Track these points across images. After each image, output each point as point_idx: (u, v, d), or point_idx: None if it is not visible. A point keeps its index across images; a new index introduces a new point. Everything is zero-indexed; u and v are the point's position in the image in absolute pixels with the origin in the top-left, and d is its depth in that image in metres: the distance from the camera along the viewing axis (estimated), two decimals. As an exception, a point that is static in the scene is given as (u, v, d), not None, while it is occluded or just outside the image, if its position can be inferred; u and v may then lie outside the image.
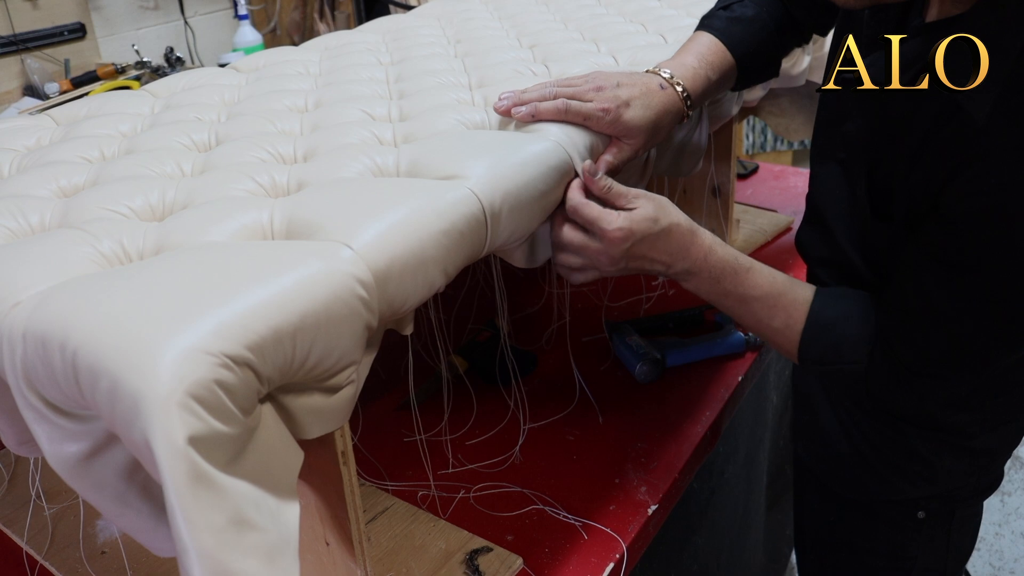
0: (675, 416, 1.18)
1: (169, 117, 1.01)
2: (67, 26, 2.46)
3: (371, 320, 0.64)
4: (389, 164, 0.81)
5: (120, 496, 0.61)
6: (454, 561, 0.94)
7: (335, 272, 0.61)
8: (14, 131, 1.01)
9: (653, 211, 0.85)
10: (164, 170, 0.85)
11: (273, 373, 0.57)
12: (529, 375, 1.27)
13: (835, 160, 0.92)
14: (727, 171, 1.50)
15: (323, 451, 0.71)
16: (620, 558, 0.95)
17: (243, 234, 0.69)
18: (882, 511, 1.00)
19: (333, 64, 1.21)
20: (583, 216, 0.84)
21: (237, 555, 0.52)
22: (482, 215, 0.73)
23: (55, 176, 0.84)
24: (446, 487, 1.06)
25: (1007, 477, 2.36)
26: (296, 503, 0.59)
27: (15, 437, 0.69)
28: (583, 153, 0.86)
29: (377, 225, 0.66)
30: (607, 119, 0.87)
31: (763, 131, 3.43)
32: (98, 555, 0.97)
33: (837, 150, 0.92)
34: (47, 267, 0.64)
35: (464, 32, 1.34)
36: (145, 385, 0.51)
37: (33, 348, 0.57)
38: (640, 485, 1.05)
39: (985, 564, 2.17)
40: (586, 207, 0.84)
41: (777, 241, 1.64)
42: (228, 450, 0.53)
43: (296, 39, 3.00)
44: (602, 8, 1.43)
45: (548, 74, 1.08)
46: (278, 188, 0.79)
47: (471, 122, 0.91)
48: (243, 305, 0.56)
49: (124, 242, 0.69)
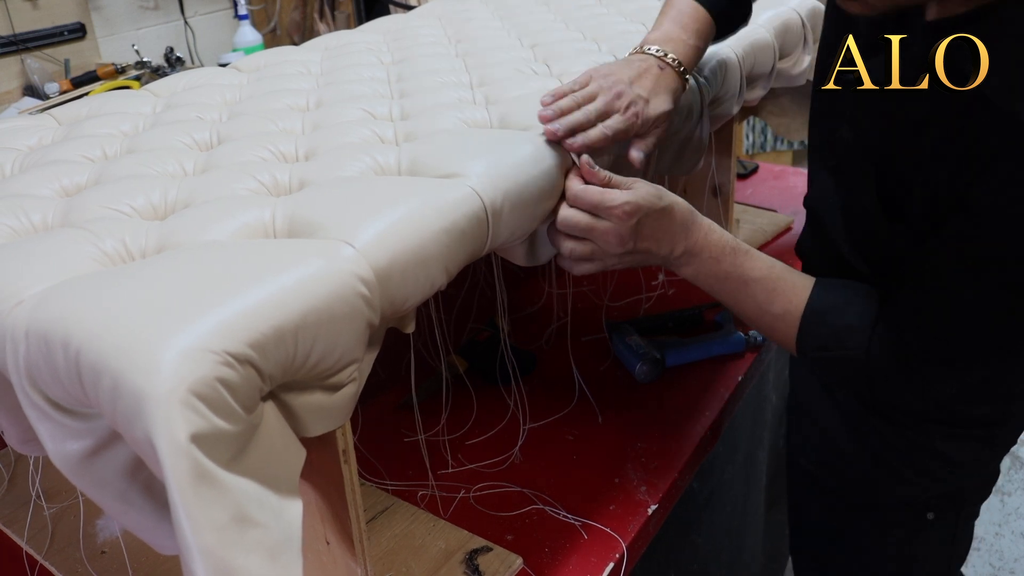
0: (675, 416, 1.18)
1: (170, 116, 1.02)
2: (67, 26, 2.46)
3: (373, 318, 0.64)
4: (390, 163, 0.81)
5: (123, 494, 0.61)
6: (454, 561, 0.94)
7: (337, 270, 0.62)
8: (16, 131, 1.01)
9: (655, 189, 0.86)
10: (166, 169, 0.85)
11: (275, 371, 0.57)
12: (529, 375, 1.27)
13: (827, 168, 0.92)
14: (727, 171, 1.50)
15: (324, 450, 0.71)
16: (620, 558, 0.95)
17: (245, 233, 0.69)
18: (891, 514, 1.00)
19: (334, 64, 1.21)
20: (587, 200, 0.84)
21: (239, 552, 0.52)
22: (483, 213, 0.74)
23: (57, 175, 0.84)
24: (446, 487, 1.06)
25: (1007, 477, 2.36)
26: (298, 501, 0.59)
27: (18, 435, 0.69)
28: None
29: (378, 223, 0.66)
30: (639, 124, 0.89)
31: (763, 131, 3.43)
32: (98, 555, 0.97)
33: (828, 158, 0.91)
34: (49, 266, 0.64)
35: (465, 32, 1.34)
36: (148, 383, 0.51)
37: (36, 346, 0.57)
38: (640, 485, 1.05)
39: (985, 564, 2.17)
40: (588, 191, 0.84)
41: (777, 241, 1.64)
42: (230, 448, 0.53)
43: (296, 39, 3.00)
44: (602, 8, 1.43)
45: (549, 73, 1.08)
46: (280, 187, 0.79)
47: (472, 120, 0.91)
48: (245, 303, 0.56)
49: (126, 241, 0.69)
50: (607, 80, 0.89)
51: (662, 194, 0.86)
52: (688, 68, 0.95)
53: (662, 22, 0.98)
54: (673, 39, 0.95)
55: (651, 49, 0.94)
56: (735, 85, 1.16)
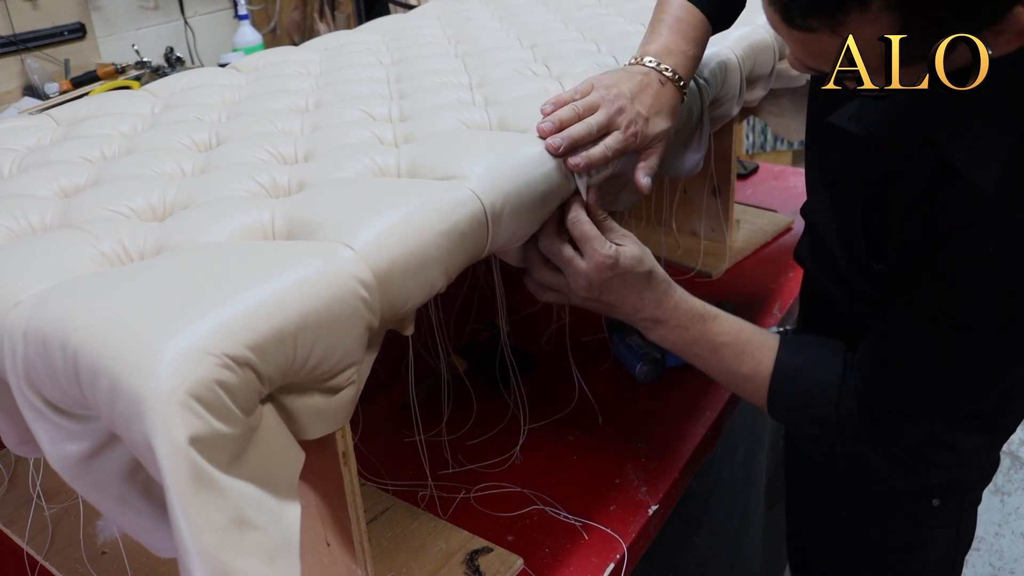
0: (675, 416, 1.18)
1: (169, 117, 1.01)
2: (67, 26, 2.46)
3: (372, 320, 0.64)
4: (390, 164, 0.81)
5: (121, 496, 0.61)
6: (454, 561, 0.94)
7: (336, 272, 0.62)
8: (14, 131, 1.01)
9: (639, 253, 0.88)
10: (165, 170, 0.85)
11: (274, 373, 0.57)
12: (529, 375, 1.27)
13: (824, 183, 0.92)
14: (727, 171, 1.50)
15: (324, 452, 0.71)
16: (620, 558, 0.95)
17: (244, 234, 0.69)
18: (898, 502, 1.00)
19: (333, 64, 1.21)
20: (580, 230, 0.85)
21: (238, 555, 0.52)
22: (483, 216, 0.73)
23: (56, 176, 0.84)
24: (446, 487, 1.06)
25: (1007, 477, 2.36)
26: (297, 503, 0.59)
27: (16, 437, 0.69)
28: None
29: (378, 225, 0.66)
30: (638, 141, 0.89)
31: (763, 131, 3.43)
32: (98, 555, 0.97)
33: (826, 173, 0.92)
34: (48, 267, 0.64)
35: (464, 32, 1.34)
36: (146, 385, 0.51)
37: (34, 348, 0.57)
38: (640, 485, 1.05)
39: (985, 564, 2.17)
40: (583, 222, 0.85)
41: (777, 241, 1.64)
42: (229, 450, 0.53)
43: (296, 39, 3.00)
44: (602, 8, 1.43)
45: (548, 74, 1.08)
46: (279, 188, 0.79)
47: (472, 122, 0.91)
48: (244, 305, 0.56)
49: (125, 242, 0.69)
50: (610, 92, 0.88)
51: (644, 259, 0.88)
52: (687, 81, 0.95)
53: (660, 30, 0.96)
54: (673, 51, 0.94)
55: (652, 62, 0.92)
56: (735, 86, 1.16)
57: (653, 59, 0.93)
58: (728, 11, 1.02)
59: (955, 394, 0.82)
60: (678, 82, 0.93)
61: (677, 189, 1.58)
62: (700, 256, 1.54)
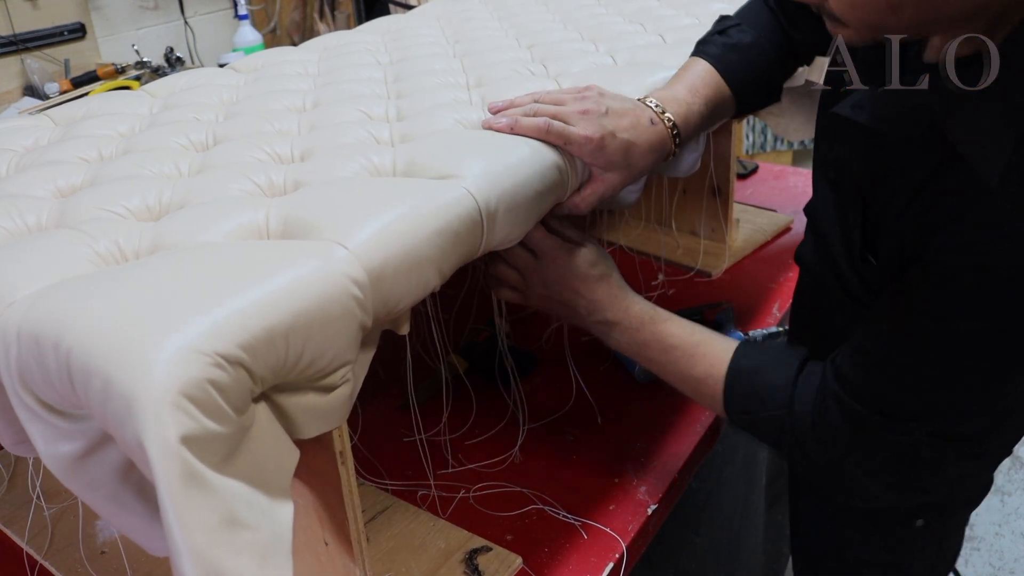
0: (675, 416, 1.18)
1: (167, 117, 1.02)
2: (67, 26, 2.47)
3: (365, 320, 0.64)
4: (386, 164, 0.81)
5: (115, 496, 0.61)
6: (454, 560, 0.94)
7: (329, 272, 0.61)
8: (12, 131, 1.01)
9: (595, 257, 0.90)
10: (161, 170, 0.85)
11: (266, 372, 0.57)
12: (529, 375, 1.27)
13: (828, 182, 0.91)
14: (727, 171, 1.50)
15: (321, 451, 0.71)
16: (620, 558, 0.95)
17: (239, 234, 0.69)
18: (882, 520, 0.99)
19: (332, 64, 1.21)
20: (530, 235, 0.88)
21: (229, 554, 0.52)
22: (478, 215, 0.73)
23: (53, 176, 0.84)
24: (446, 487, 1.06)
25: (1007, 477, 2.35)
26: (290, 502, 0.59)
27: (11, 437, 0.69)
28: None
29: (372, 225, 0.66)
30: (588, 148, 0.85)
31: (763, 131, 3.43)
32: (98, 555, 0.97)
33: (828, 169, 0.91)
34: (43, 267, 0.64)
35: (463, 32, 1.34)
36: (138, 385, 0.51)
37: (27, 348, 0.57)
38: (640, 485, 1.05)
39: (985, 564, 2.17)
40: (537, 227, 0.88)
41: (777, 241, 1.64)
42: (221, 449, 0.53)
43: (296, 39, 3.00)
44: (601, 8, 1.43)
45: (547, 74, 1.08)
46: (275, 188, 0.79)
47: (469, 121, 0.91)
48: (236, 304, 0.56)
49: (120, 242, 0.69)
50: (588, 97, 0.88)
51: (599, 263, 0.91)
52: (683, 131, 0.92)
53: (674, 83, 0.96)
54: (678, 100, 0.93)
55: (651, 102, 0.92)
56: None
57: (654, 100, 0.92)
58: (755, 89, 1.01)
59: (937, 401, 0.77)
60: (671, 129, 0.91)
61: (677, 189, 1.58)
62: (700, 256, 1.54)
